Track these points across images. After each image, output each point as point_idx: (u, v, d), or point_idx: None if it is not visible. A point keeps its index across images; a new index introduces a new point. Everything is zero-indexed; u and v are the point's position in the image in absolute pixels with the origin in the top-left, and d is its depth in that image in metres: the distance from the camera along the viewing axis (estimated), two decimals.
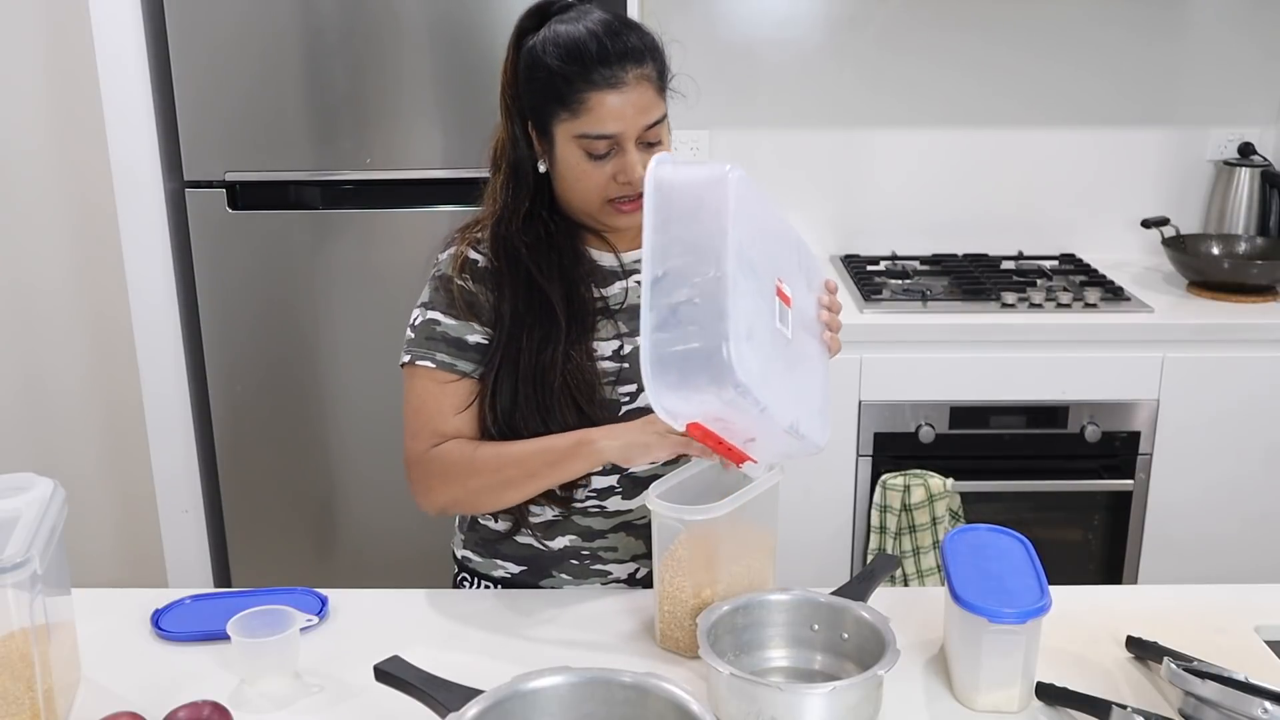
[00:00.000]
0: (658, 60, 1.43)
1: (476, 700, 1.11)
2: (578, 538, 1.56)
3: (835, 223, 3.16)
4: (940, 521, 2.59)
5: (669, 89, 1.48)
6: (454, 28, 2.43)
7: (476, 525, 1.64)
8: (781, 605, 1.37)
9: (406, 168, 2.51)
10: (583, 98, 1.39)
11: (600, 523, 1.55)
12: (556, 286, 1.46)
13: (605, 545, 1.56)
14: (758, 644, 1.36)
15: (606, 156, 1.41)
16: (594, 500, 1.54)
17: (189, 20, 2.43)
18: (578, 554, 1.57)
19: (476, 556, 1.64)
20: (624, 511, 1.55)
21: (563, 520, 1.56)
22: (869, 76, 3.05)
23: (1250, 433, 2.64)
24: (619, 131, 1.40)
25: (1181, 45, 3.04)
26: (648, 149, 1.42)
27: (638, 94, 1.39)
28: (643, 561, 1.57)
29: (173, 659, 1.41)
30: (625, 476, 1.53)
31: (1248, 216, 3.03)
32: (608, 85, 1.38)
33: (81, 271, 2.95)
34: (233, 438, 2.66)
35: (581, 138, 1.41)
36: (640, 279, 1.43)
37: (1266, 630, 1.45)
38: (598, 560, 1.57)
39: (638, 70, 1.40)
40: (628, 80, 1.39)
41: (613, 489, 1.53)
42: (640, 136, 1.41)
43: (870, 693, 1.23)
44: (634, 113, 1.39)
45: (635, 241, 1.51)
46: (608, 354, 1.49)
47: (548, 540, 1.57)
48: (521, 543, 1.59)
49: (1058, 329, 2.61)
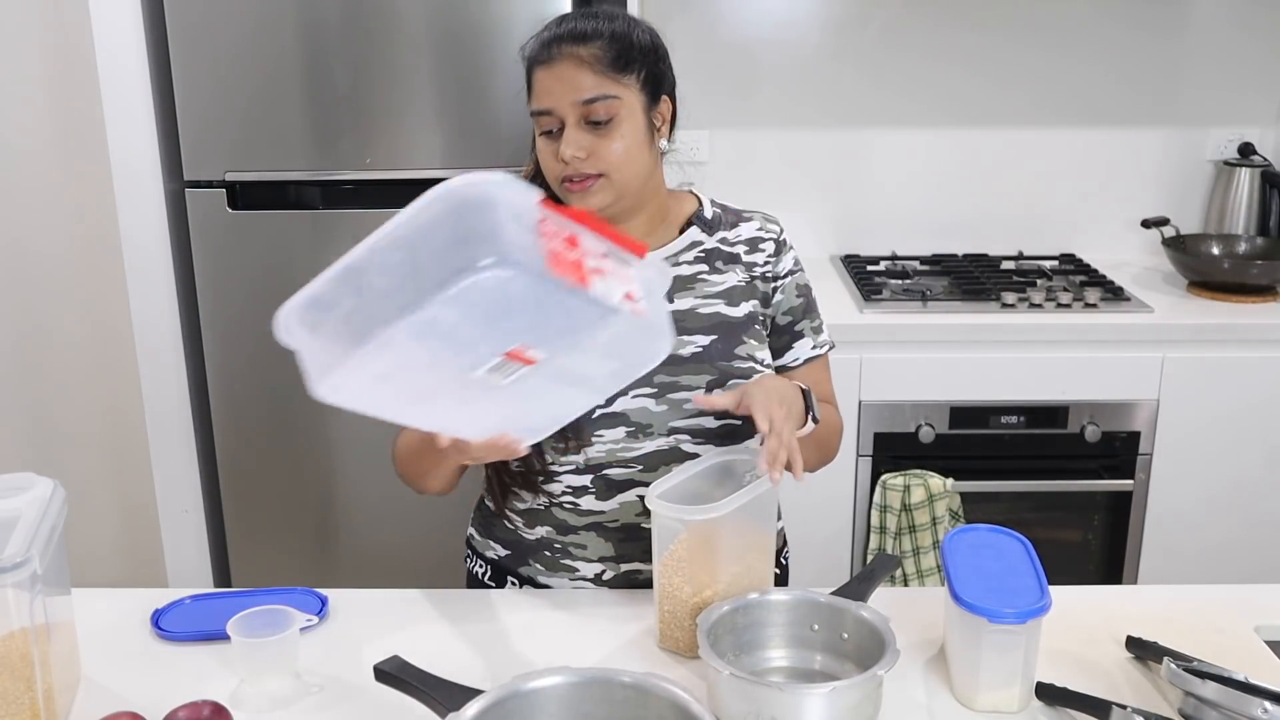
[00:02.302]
0: (610, 42, 1.45)
1: (476, 700, 1.11)
2: (553, 530, 1.57)
3: (835, 223, 3.16)
4: (940, 521, 2.59)
5: (644, 76, 1.47)
6: (454, 28, 2.43)
7: (482, 504, 1.67)
8: (781, 605, 1.37)
9: (406, 168, 2.51)
10: (530, 76, 1.48)
11: (574, 519, 1.56)
12: None
13: (576, 542, 1.57)
14: (758, 644, 1.36)
15: (556, 135, 1.45)
16: (569, 496, 1.54)
17: (189, 20, 2.43)
18: (551, 546, 1.58)
19: (477, 534, 1.68)
20: (596, 512, 1.54)
21: (544, 510, 1.57)
22: (869, 76, 3.05)
23: (1250, 433, 2.64)
24: (551, 107, 1.45)
25: (1182, 45, 3.04)
26: (595, 128, 1.44)
27: (567, 71, 1.44)
28: (610, 564, 1.57)
29: (173, 659, 1.41)
30: (599, 477, 1.52)
31: (1248, 216, 3.03)
32: (543, 63, 1.46)
33: (81, 272, 2.95)
34: (233, 438, 2.66)
35: (533, 115, 1.48)
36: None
37: (1266, 630, 1.45)
38: (568, 555, 1.58)
39: (571, 48, 1.44)
40: (559, 57, 1.44)
41: (586, 488, 1.53)
42: (581, 114, 1.44)
43: (870, 693, 1.23)
44: (562, 89, 1.44)
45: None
46: None
47: (528, 528, 1.59)
48: (509, 527, 1.62)
49: (1058, 329, 2.61)
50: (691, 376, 1.51)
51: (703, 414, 1.51)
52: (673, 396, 1.51)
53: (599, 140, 1.44)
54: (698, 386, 1.51)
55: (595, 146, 1.44)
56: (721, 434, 1.53)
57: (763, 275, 1.60)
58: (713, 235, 1.60)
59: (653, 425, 1.51)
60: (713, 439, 1.52)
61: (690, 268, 1.57)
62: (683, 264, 1.57)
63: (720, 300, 1.56)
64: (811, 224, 3.16)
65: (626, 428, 1.50)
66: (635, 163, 1.47)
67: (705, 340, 1.53)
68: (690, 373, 1.51)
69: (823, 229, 3.16)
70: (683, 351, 1.52)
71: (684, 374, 1.51)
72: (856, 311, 2.67)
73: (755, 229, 1.63)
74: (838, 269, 3.03)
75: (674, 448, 1.51)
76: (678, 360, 1.51)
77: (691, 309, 1.54)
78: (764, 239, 1.62)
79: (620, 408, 1.50)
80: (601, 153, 1.44)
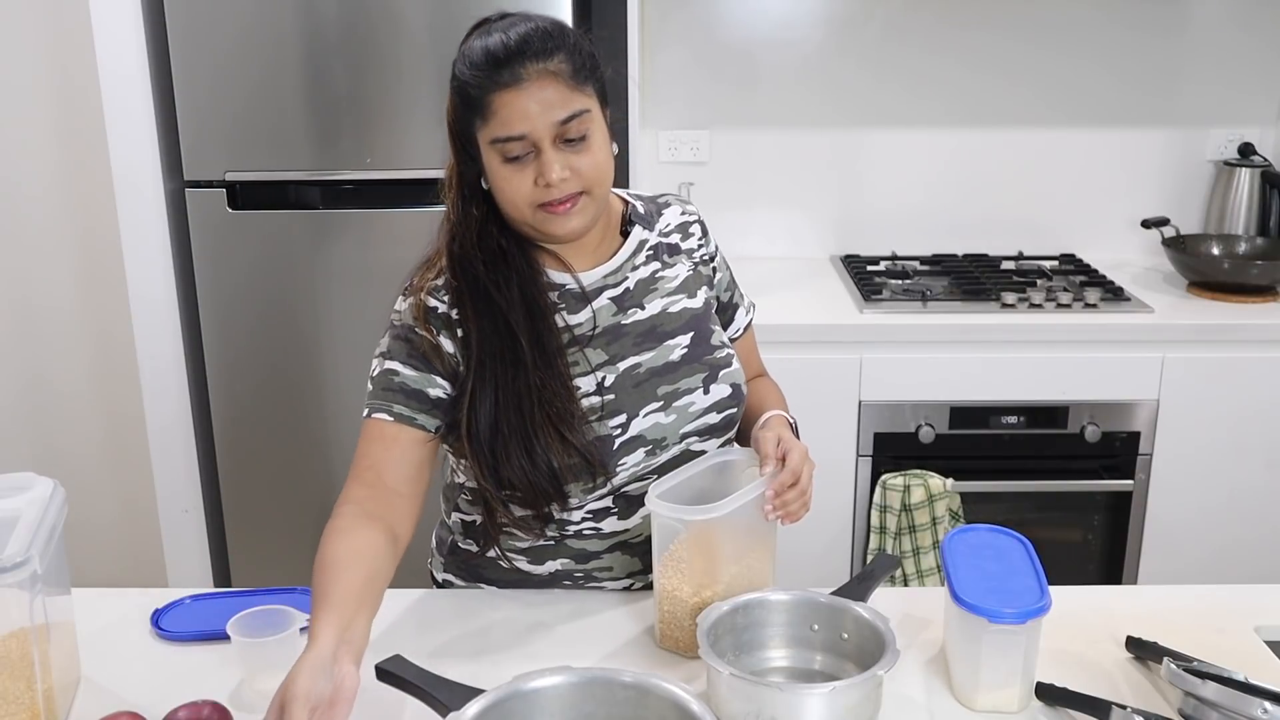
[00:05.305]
0: (572, 54, 1.36)
1: (476, 700, 1.11)
2: (570, 560, 1.53)
3: (835, 223, 3.16)
4: (940, 521, 2.59)
5: (596, 80, 1.40)
6: (454, 28, 2.41)
7: (456, 549, 1.60)
8: (781, 605, 1.36)
9: (406, 168, 2.51)
10: (488, 100, 1.35)
11: (595, 544, 1.52)
12: (518, 308, 1.42)
13: (600, 566, 1.53)
14: (757, 644, 1.36)
15: (526, 159, 1.36)
16: (589, 522, 1.50)
17: (189, 20, 2.43)
18: (570, 575, 1.54)
19: (460, 581, 1.61)
20: (620, 531, 1.51)
21: (555, 545, 1.52)
22: (869, 76, 3.05)
23: (1250, 433, 2.64)
24: (527, 131, 1.34)
25: (1182, 45, 3.04)
26: (570, 146, 1.36)
27: (542, 90, 1.33)
28: (638, 577, 1.55)
29: (173, 659, 1.41)
30: (619, 496, 1.49)
31: (1248, 216, 3.03)
32: (508, 85, 1.33)
33: (82, 271, 2.96)
34: (233, 437, 2.66)
35: (495, 142, 1.36)
36: (610, 296, 1.47)
37: (1266, 630, 1.45)
38: (591, 580, 1.54)
39: (539, 65, 1.33)
40: (528, 76, 1.33)
41: (608, 510, 1.50)
42: (557, 134, 1.34)
43: (870, 693, 1.23)
44: (539, 109, 1.33)
45: (591, 259, 1.49)
46: (591, 389, 1.45)
47: (536, 565, 1.54)
48: (504, 566, 1.55)
49: (1058, 329, 2.61)
50: (688, 379, 1.50)
51: (707, 411, 1.50)
52: (678, 404, 1.49)
53: (575, 157, 1.36)
54: (696, 387, 1.50)
55: (573, 164, 1.36)
56: (723, 426, 1.53)
57: (701, 259, 1.58)
58: (652, 230, 1.55)
59: (666, 437, 1.48)
60: (715, 433, 1.52)
61: (646, 268, 1.53)
62: (639, 266, 1.52)
63: (682, 294, 1.54)
64: (811, 224, 3.16)
65: (644, 447, 1.47)
66: (608, 175, 1.41)
67: (686, 339, 1.51)
68: (685, 375, 1.50)
69: (823, 229, 3.16)
70: (673, 357, 1.50)
71: (681, 378, 1.50)
72: (856, 311, 2.67)
73: (679, 215, 1.59)
74: (838, 269, 3.03)
75: (685, 451, 1.50)
76: (672, 366, 1.50)
77: (663, 310, 1.51)
78: (689, 222, 1.59)
79: (636, 430, 1.46)
80: (581, 170, 1.36)
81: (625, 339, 1.49)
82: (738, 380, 1.54)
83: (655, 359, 1.49)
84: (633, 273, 1.51)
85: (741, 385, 1.54)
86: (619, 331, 1.49)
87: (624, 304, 1.50)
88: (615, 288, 1.50)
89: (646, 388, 1.48)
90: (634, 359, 1.48)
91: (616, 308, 1.49)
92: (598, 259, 1.50)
